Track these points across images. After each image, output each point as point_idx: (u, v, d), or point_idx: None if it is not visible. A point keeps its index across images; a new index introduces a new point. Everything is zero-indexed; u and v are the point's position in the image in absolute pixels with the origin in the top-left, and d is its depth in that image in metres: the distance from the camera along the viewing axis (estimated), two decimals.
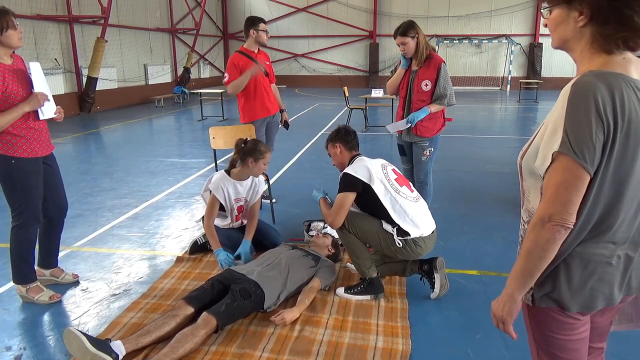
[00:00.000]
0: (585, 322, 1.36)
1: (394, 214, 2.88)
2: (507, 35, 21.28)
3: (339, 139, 3.17)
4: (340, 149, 3.17)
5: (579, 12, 1.20)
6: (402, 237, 2.86)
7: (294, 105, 14.86)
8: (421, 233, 2.89)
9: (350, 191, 2.93)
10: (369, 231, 2.95)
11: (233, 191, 3.63)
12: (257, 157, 3.57)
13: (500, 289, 3.11)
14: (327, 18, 22.35)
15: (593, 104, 1.13)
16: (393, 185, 2.96)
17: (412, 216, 2.88)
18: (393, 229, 2.87)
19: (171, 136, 10.17)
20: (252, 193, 3.74)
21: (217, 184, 3.58)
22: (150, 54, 17.01)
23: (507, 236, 4.21)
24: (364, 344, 2.53)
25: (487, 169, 6.54)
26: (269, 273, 2.95)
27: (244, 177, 3.67)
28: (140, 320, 2.76)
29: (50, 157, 3.01)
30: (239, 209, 3.73)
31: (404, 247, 2.87)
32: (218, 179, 3.62)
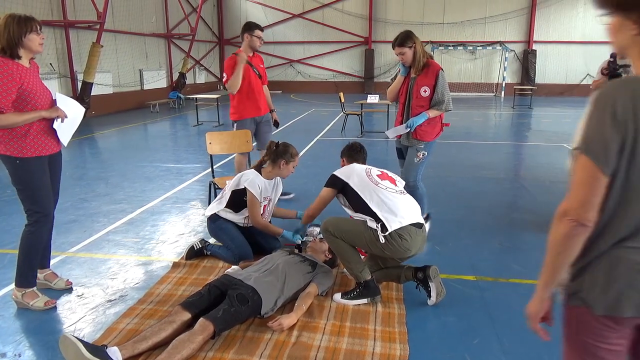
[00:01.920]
0: (620, 336, 1.31)
1: (372, 203, 2.94)
2: (502, 42, 21.44)
3: (344, 153, 3.55)
4: (344, 162, 3.50)
5: (633, 21, 1.20)
6: (384, 232, 2.86)
7: (289, 111, 14.88)
8: (400, 221, 2.87)
9: (329, 187, 3.18)
10: (355, 232, 2.97)
11: (264, 189, 3.75)
12: (289, 160, 3.76)
13: (497, 294, 3.15)
14: (323, 24, 22.44)
15: (610, 106, 1.15)
16: (373, 178, 3.10)
17: (390, 205, 2.92)
18: (377, 225, 2.89)
19: (167, 141, 10.15)
20: (274, 193, 3.92)
21: (253, 181, 3.67)
22: (145, 59, 17.00)
23: (503, 241, 4.22)
24: (361, 350, 2.53)
25: (482, 175, 6.56)
26: (266, 279, 2.94)
27: (271, 177, 3.84)
28: (136, 326, 2.74)
29: (56, 156, 3.02)
30: (264, 208, 3.81)
31: (389, 242, 2.86)
32: (253, 177, 3.71)
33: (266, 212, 3.85)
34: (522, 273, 3.52)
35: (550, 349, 2.57)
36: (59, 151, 3.05)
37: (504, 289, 3.28)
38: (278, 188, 3.96)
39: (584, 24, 20.63)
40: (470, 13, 21.36)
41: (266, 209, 3.84)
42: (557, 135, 10.41)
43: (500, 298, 3.14)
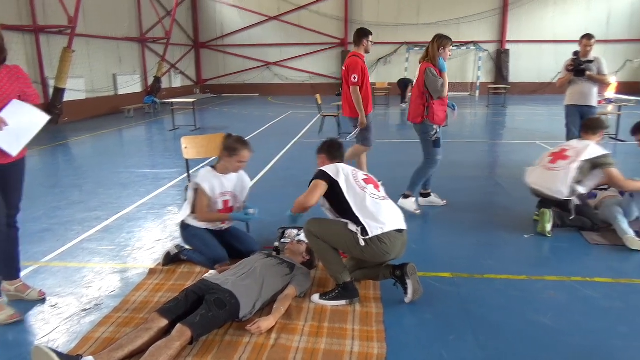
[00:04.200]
0: None
1: (355, 207, 2.96)
2: (475, 42, 21.76)
3: (323, 151, 3.45)
4: (322, 159, 3.41)
5: None
6: (365, 236, 2.89)
7: (267, 114, 14.86)
8: (382, 227, 2.91)
9: (320, 179, 3.08)
10: (336, 234, 2.98)
11: (218, 184, 3.71)
12: (231, 154, 3.69)
13: (472, 290, 3.20)
14: (299, 26, 22.45)
15: None
16: (359, 183, 3.09)
17: (372, 210, 2.95)
18: (357, 228, 2.91)
19: (142, 147, 10.02)
20: (239, 187, 3.86)
21: (203, 176, 3.68)
22: (119, 64, 16.75)
23: (479, 239, 4.29)
24: (340, 349, 2.54)
25: (458, 173, 6.66)
26: (244, 282, 2.93)
27: (226, 172, 3.78)
28: (112, 335, 2.71)
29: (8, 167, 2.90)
30: (225, 204, 3.76)
31: (369, 245, 2.90)
32: (204, 172, 3.72)
33: (235, 208, 3.83)
34: (497, 269, 3.59)
35: (523, 341, 2.63)
36: (13, 162, 2.91)
37: (479, 284, 3.34)
38: (243, 183, 3.90)
39: (554, 24, 21.09)
40: (444, 14, 21.62)
41: (228, 205, 3.79)
42: (530, 132, 10.62)
43: (475, 294, 3.19)
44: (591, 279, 3.37)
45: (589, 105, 6.09)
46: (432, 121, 4.76)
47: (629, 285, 3.31)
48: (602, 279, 3.38)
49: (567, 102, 6.27)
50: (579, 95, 6.11)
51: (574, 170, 4.10)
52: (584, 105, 6.08)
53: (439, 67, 4.68)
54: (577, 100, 6.13)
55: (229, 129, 11.16)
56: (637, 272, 3.53)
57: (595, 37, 6.12)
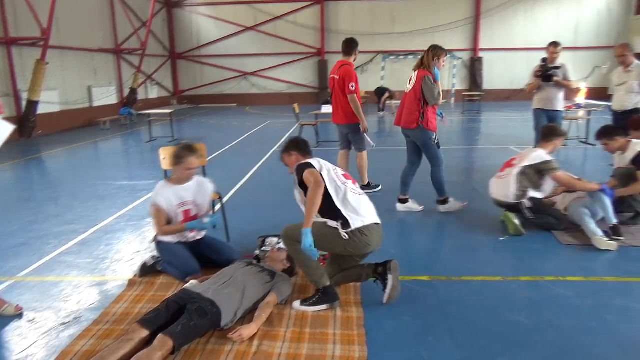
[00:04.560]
0: None
1: (338, 201, 3.05)
2: (449, 51, 22.16)
3: (292, 148, 3.43)
4: (296, 156, 3.40)
5: None
6: (346, 229, 2.98)
7: (245, 124, 14.86)
8: (362, 220, 3.02)
9: (309, 167, 3.11)
10: (316, 234, 3.02)
11: (174, 196, 3.67)
12: (178, 162, 3.66)
13: (450, 292, 3.29)
14: (276, 36, 22.56)
15: None
16: (339, 177, 3.19)
17: (354, 205, 3.06)
18: (337, 223, 2.99)
19: (119, 159, 9.92)
20: (201, 194, 3.80)
21: (157, 191, 3.66)
22: (94, 76, 16.57)
23: (456, 242, 4.39)
24: (321, 354, 2.58)
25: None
26: (225, 291, 2.95)
27: (181, 182, 3.73)
28: (92, 348, 2.69)
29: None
30: (186, 214, 3.72)
31: (351, 239, 2.99)
32: (157, 187, 3.70)
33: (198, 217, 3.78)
34: (473, 271, 3.68)
35: (499, 339, 2.71)
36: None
37: (456, 286, 3.42)
38: (202, 190, 3.82)
39: (525, 32, 21.66)
40: (418, 23, 22.01)
41: (189, 214, 3.75)
42: (504, 138, 10.86)
43: (453, 296, 3.27)
44: (563, 278, 3.49)
45: (556, 110, 6.36)
46: (427, 127, 4.91)
47: (598, 283, 3.43)
48: (574, 277, 3.50)
49: (535, 106, 6.53)
50: (546, 100, 6.38)
51: (515, 175, 4.40)
52: (551, 109, 6.37)
53: (434, 75, 4.84)
54: (545, 105, 6.39)
55: (207, 140, 11.14)
56: (607, 271, 3.67)
57: (561, 44, 6.39)
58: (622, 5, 21.51)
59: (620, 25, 21.54)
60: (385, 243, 4.04)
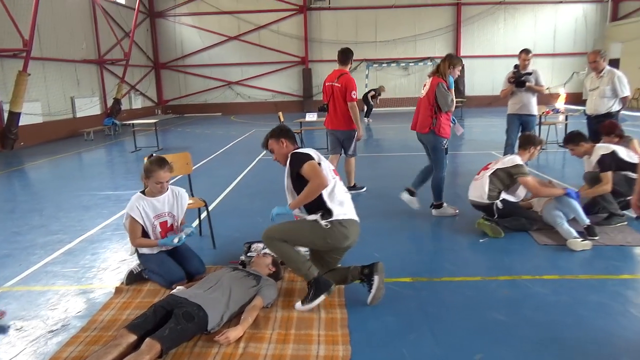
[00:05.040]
0: None
1: (325, 193, 3.15)
2: (432, 58, 22.53)
3: (283, 135, 3.41)
4: (285, 144, 3.39)
5: None
6: (327, 219, 3.11)
7: (230, 133, 14.90)
8: (344, 213, 3.17)
9: (310, 159, 3.19)
10: (297, 228, 3.15)
11: (150, 208, 3.68)
12: (148, 175, 3.67)
13: (431, 292, 3.39)
14: (260, 45, 22.69)
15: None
16: (330, 172, 3.30)
17: (339, 199, 3.20)
18: (317, 215, 3.11)
19: (103, 169, 9.88)
20: (177, 205, 3.81)
21: (131, 204, 3.67)
22: (77, 86, 16.48)
23: (438, 245, 4.50)
24: (306, 354, 2.65)
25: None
26: (211, 295, 3.01)
27: (154, 195, 3.74)
28: (80, 354, 2.72)
29: None
30: (163, 225, 3.74)
31: (332, 229, 3.12)
32: (132, 200, 3.71)
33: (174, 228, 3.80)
34: (453, 271, 3.79)
35: (478, 336, 2.81)
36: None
37: (437, 287, 3.52)
38: (178, 201, 3.83)
39: (505, 39, 22.13)
40: (401, 31, 22.37)
41: (167, 225, 3.76)
42: (486, 143, 11.06)
43: (434, 296, 3.37)
44: (540, 277, 3.61)
45: (529, 114, 6.60)
46: (438, 133, 5.02)
47: (574, 281, 3.56)
48: (550, 276, 3.63)
49: (509, 111, 6.80)
50: (519, 104, 6.64)
51: (488, 177, 4.57)
52: (524, 114, 6.61)
53: (448, 84, 4.99)
54: (519, 110, 6.64)
55: (192, 149, 11.17)
56: (582, 269, 3.80)
57: (532, 51, 6.66)
58: (598, 13, 22.12)
59: (596, 32, 22.13)
60: (369, 246, 4.18)
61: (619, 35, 20.63)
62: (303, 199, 3.15)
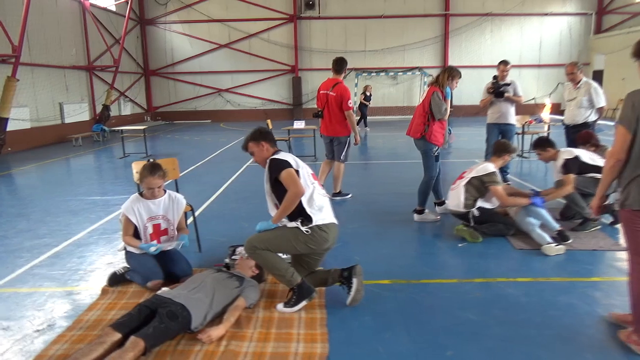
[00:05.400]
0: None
1: (304, 199, 3.25)
2: (420, 68, 22.84)
3: (262, 138, 3.49)
4: (266, 147, 3.47)
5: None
6: (307, 225, 3.22)
7: (219, 140, 14.98)
8: (323, 218, 3.28)
9: (288, 167, 3.26)
10: (278, 236, 3.24)
11: (145, 210, 3.81)
12: (140, 179, 3.81)
13: (408, 294, 3.50)
14: (250, 54, 22.83)
15: (631, 100, 2.50)
16: (309, 177, 3.39)
17: (318, 204, 3.30)
18: (297, 222, 3.22)
19: (91, 175, 9.92)
20: (172, 209, 3.91)
21: (128, 204, 3.81)
22: (66, 92, 16.48)
23: (418, 249, 4.63)
24: (286, 352, 2.76)
25: (402, 191, 7.03)
26: (195, 296, 3.10)
27: (150, 197, 3.86)
28: (66, 352, 2.80)
29: None
30: (156, 228, 3.84)
31: (312, 234, 3.23)
32: (129, 200, 3.84)
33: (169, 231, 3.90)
34: (431, 274, 3.92)
35: (450, 334, 2.93)
36: None
37: (415, 289, 3.65)
38: (174, 206, 3.93)
39: (491, 50, 22.48)
40: (390, 41, 22.65)
41: (160, 228, 3.87)
42: (471, 152, 11.25)
43: (411, 297, 3.49)
44: (514, 279, 3.75)
45: (507, 123, 6.82)
46: (429, 140, 5.26)
47: (545, 283, 3.70)
48: (523, 278, 3.77)
49: (489, 120, 7.01)
50: (498, 114, 6.85)
51: (463, 186, 4.74)
52: (503, 123, 6.83)
53: (445, 94, 5.26)
54: (497, 119, 6.85)
55: (181, 155, 11.24)
56: (554, 272, 3.95)
57: (510, 62, 6.90)
58: (582, 25, 22.60)
59: (580, 44, 22.60)
60: (351, 250, 4.31)
61: (603, 47, 21.09)
62: (283, 210, 3.24)
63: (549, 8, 22.30)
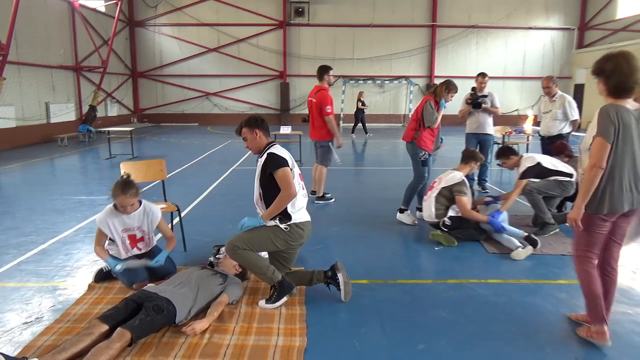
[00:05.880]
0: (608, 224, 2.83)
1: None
2: (407, 77, 23.20)
3: (257, 126, 3.64)
4: (259, 135, 3.62)
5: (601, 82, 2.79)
6: (285, 223, 3.42)
7: (206, 143, 15.06)
8: (301, 217, 3.51)
9: (285, 166, 3.42)
10: (258, 234, 3.41)
11: (119, 223, 3.83)
12: (112, 196, 3.78)
13: (385, 293, 3.68)
14: (239, 58, 22.96)
15: (608, 114, 2.69)
16: (298, 178, 3.57)
17: (299, 205, 3.51)
18: (276, 220, 3.40)
19: (77, 175, 9.94)
20: (147, 221, 3.94)
21: (102, 218, 3.81)
22: (52, 92, 16.44)
23: (395, 251, 4.81)
24: (266, 344, 2.91)
25: (385, 196, 7.24)
26: (180, 291, 3.24)
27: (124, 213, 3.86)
28: (54, 343, 2.91)
29: None
30: (132, 238, 3.91)
31: (290, 231, 3.44)
32: (103, 213, 3.83)
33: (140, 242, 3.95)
34: (407, 275, 4.11)
35: (422, 330, 3.11)
36: None
37: (391, 288, 3.82)
38: (148, 218, 3.94)
39: (477, 61, 22.90)
40: (377, 50, 22.98)
41: (135, 238, 3.93)
42: (452, 160, 11.48)
43: (387, 296, 3.67)
44: (485, 281, 3.95)
45: (485, 133, 7.09)
46: (418, 144, 5.61)
47: (514, 285, 3.91)
48: (494, 280, 3.98)
49: (467, 130, 7.30)
50: (476, 124, 7.12)
51: (434, 198, 4.98)
52: (481, 133, 7.10)
53: (439, 105, 5.61)
54: (476, 129, 7.13)
55: (167, 157, 11.31)
56: (523, 274, 4.16)
57: (488, 75, 7.19)
58: (565, 40, 23.17)
59: (563, 58, 23.17)
60: (330, 252, 4.49)
61: (584, 62, 21.64)
62: (274, 209, 3.39)
63: (533, 22, 22.84)
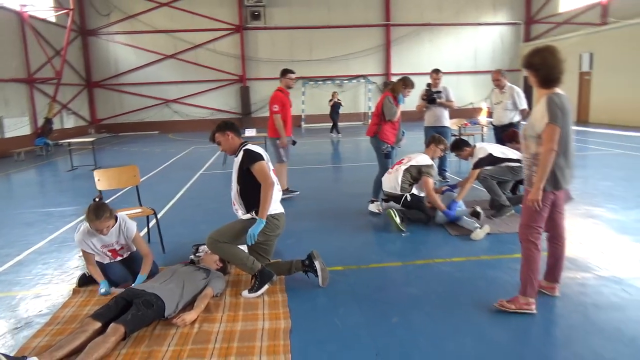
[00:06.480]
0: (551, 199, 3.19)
1: None
2: (364, 76, 23.71)
3: (228, 129, 3.91)
4: (231, 136, 3.90)
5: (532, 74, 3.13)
6: None
7: (168, 150, 15.00)
8: (276, 209, 3.79)
9: (262, 160, 3.72)
10: (237, 228, 3.68)
11: (98, 241, 3.90)
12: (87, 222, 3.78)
13: (359, 277, 3.97)
14: (196, 64, 22.86)
15: (555, 103, 3.01)
16: (272, 172, 3.84)
17: (275, 198, 3.78)
18: (252, 213, 3.69)
19: (41, 187, 9.80)
20: (123, 236, 3.98)
21: (79, 239, 3.86)
22: (5, 106, 15.96)
23: (366, 239, 5.10)
24: (253, 328, 3.13)
25: (351, 191, 7.55)
26: (167, 286, 3.41)
27: None
28: (48, 343, 3.02)
29: None
30: (112, 251, 4.00)
31: (267, 223, 3.68)
32: (80, 234, 3.86)
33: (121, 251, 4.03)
34: (379, 259, 4.42)
35: (394, 306, 3.40)
36: None
37: (364, 272, 4.11)
38: (124, 232, 3.96)
39: (430, 58, 23.63)
40: (334, 51, 23.37)
41: (116, 252, 4.01)
42: (412, 153, 11.97)
43: (361, 279, 3.95)
44: (450, 259, 4.29)
45: (442, 126, 7.55)
46: (380, 138, 6.02)
47: (476, 261, 4.27)
48: (457, 258, 4.33)
49: (425, 124, 7.76)
50: (433, 118, 7.56)
51: (402, 171, 5.40)
52: (438, 126, 7.53)
53: (396, 100, 6.01)
54: (433, 123, 7.57)
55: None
56: (483, 252, 4.54)
57: (442, 71, 7.68)
58: (512, 35, 24.26)
59: (511, 51, 24.22)
60: (307, 243, 4.72)
61: None
62: (264, 203, 3.65)
63: (482, 18, 23.80)
